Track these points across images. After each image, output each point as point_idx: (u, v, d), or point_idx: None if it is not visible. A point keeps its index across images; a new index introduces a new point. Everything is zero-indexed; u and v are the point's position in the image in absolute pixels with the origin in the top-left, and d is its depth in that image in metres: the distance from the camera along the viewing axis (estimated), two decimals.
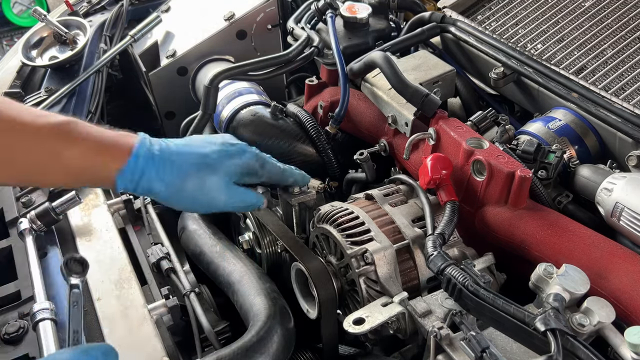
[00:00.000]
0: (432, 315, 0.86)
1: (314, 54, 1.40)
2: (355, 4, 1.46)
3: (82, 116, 1.53)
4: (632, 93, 1.12)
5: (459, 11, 1.45)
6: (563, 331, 0.71)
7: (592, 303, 0.79)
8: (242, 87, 1.46)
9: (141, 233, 1.22)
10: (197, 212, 1.03)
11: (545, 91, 1.21)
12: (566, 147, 1.10)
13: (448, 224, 0.96)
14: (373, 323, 0.87)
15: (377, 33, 1.46)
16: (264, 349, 0.90)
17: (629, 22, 1.26)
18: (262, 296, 1.01)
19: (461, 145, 1.03)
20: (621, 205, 0.91)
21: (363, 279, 0.96)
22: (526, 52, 1.28)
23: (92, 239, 1.14)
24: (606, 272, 0.86)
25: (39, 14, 1.64)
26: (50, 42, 1.71)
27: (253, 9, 1.74)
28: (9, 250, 1.14)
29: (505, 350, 0.81)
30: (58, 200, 1.14)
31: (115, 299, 1.00)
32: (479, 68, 1.37)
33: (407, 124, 1.17)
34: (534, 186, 1.01)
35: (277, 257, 1.22)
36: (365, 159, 1.22)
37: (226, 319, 1.11)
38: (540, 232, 0.94)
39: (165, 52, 1.77)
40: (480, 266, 0.94)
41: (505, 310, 0.76)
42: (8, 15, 4.86)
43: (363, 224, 1.00)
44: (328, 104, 1.35)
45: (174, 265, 1.12)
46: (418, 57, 1.31)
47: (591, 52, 1.23)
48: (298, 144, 1.31)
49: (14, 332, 0.95)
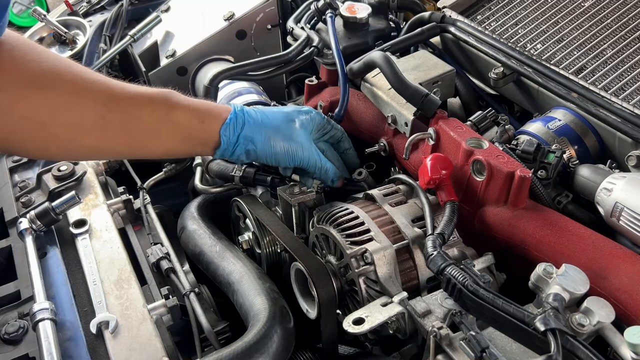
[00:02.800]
0: (432, 315, 0.86)
1: (313, 54, 1.40)
2: (355, 4, 1.46)
3: None
4: (631, 93, 1.12)
5: (459, 11, 1.45)
6: (563, 331, 0.71)
7: (591, 303, 0.79)
8: (241, 87, 1.46)
9: (141, 233, 1.22)
10: (285, 164, 1.12)
11: (544, 91, 1.21)
12: (566, 147, 1.10)
13: (448, 224, 0.96)
14: (373, 323, 0.87)
15: (377, 33, 1.46)
16: (264, 349, 0.90)
17: (628, 22, 1.26)
18: (262, 296, 1.01)
19: (461, 145, 1.03)
20: (621, 205, 0.91)
21: (363, 278, 0.96)
22: (526, 52, 1.28)
23: (91, 239, 1.14)
24: (606, 272, 0.86)
25: (38, 14, 1.65)
26: (49, 42, 1.72)
27: (253, 9, 1.74)
28: (8, 250, 1.14)
29: (505, 350, 0.81)
30: (58, 200, 1.13)
31: (115, 298, 1.00)
32: (479, 68, 1.37)
33: (406, 124, 1.17)
34: (533, 186, 1.01)
35: (277, 257, 1.22)
36: (364, 179, 1.20)
37: (226, 319, 1.11)
38: (540, 232, 0.94)
39: (165, 52, 1.77)
40: (480, 266, 0.94)
41: (505, 310, 0.76)
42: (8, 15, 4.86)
43: (363, 224, 1.00)
44: (328, 104, 1.35)
45: (174, 265, 1.12)
46: (418, 57, 1.31)
47: (591, 52, 1.23)
48: None
49: (13, 332, 0.95)
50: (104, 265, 1.06)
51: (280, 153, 1.09)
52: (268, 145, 1.08)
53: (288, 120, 1.11)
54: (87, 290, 1.03)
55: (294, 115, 1.13)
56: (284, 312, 0.99)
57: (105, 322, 0.95)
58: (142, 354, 0.91)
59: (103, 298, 1.00)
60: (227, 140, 1.05)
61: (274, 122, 1.09)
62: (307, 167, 1.12)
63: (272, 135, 1.08)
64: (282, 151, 1.09)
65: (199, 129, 1.03)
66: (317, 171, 1.13)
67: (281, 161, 1.11)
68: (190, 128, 1.01)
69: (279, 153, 1.09)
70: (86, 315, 0.99)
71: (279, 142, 1.09)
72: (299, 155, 1.10)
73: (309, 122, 1.14)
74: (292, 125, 1.11)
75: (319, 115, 1.17)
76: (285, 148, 1.09)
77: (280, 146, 1.09)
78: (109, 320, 0.95)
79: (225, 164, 1.34)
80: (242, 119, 1.06)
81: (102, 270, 1.05)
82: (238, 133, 1.05)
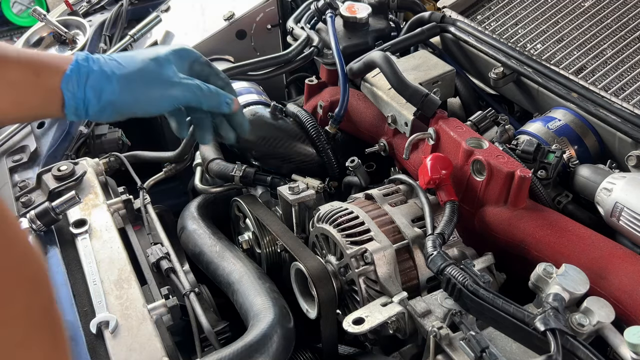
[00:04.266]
0: (432, 315, 0.86)
1: (313, 54, 1.40)
2: (355, 4, 1.46)
3: None
4: (631, 93, 1.12)
5: (459, 11, 1.45)
6: (563, 331, 0.71)
7: (591, 303, 0.79)
8: (241, 87, 1.46)
9: (141, 233, 1.22)
10: (159, 111, 0.97)
11: (544, 91, 1.21)
12: (566, 147, 1.10)
13: (448, 223, 0.96)
14: (372, 323, 0.87)
15: (377, 33, 1.46)
16: (264, 349, 0.90)
17: (628, 22, 1.26)
18: (262, 296, 1.01)
19: (461, 145, 1.03)
20: (621, 205, 0.91)
21: (362, 278, 0.96)
22: (526, 52, 1.28)
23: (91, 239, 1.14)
24: (606, 272, 0.86)
25: (38, 14, 1.64)
26: (49, 42, 1.71)
27: (253, 9, 1.74)
28: None
29: (505, 350, 0.81)
30: (58, 200, 1.13)
31: (115, 298, 1.00)
32: (479, 68, 1.37)
33: (406, 123, 1.17)
34: (533, 186, 1.01)
35: (277, 257, 1.22)
36: (356, 166, 1.22)
37: (226, 319, 1.11)
38: (539, 232, 0.94)
39: None
40: (480, 266, 0.95)
41: (504, 310, 0.76)
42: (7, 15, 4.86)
43: (363, 224, 1.00)
44: (328, 104, 1.35)
45: (174, 265, 1.12)
46: (418, 57, 1.31)
47: (591, 52, 1.23)
48: (298, 144, 1.30)
49: None
50: (104, 265, 1.06)
51: (146, 100, 0.92)
52: (127, 95, 0.90)
53: (145, 61, 0.93)
54: (87, 290, 1.02)
55: (150, 54, 0.94)
56: (284, 312, 0.99)
57: (105, 322, 0.95)
58: (142, 354, 0.91)
59: (103, 298, 1.00)
60: (72, 96, 0.87)
61: (128, 67, 0.91)
62: (190, 101, 0.96)
63: (129, 83, 0.90)
64: (147, 97, 0.92)
65: (34, 84, 0.85)
66: (205, 100, 0.96)
67: (152, 109, 0.94)
68: (24, 84, 0.84)
69: (144, 100, 0.92)
70: (86, 315, 0.99)
71: (141, 87, 0.91)
72: (172, 95, 0.93)
73: (172, 56, 0.95)
74: (151, 66, 0.92)
75: (185, 49, 0.99)
76: (151, 92, 0.92)
77: (143, 92, 0.91)
78: (109, 320, 0.95)
79: (226, 164, 1.34)
80: (86, 68, 0.88)
81: (102, 270, 1.05)
82: (84, 85, 0.87)
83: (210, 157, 1.37)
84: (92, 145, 1.55)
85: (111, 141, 1.56)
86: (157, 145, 1.73)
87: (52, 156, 1.42)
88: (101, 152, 1.52)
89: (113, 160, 1.40)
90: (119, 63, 0.91)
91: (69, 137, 1.48)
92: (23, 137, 1.45)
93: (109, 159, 1.40)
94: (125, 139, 1.60)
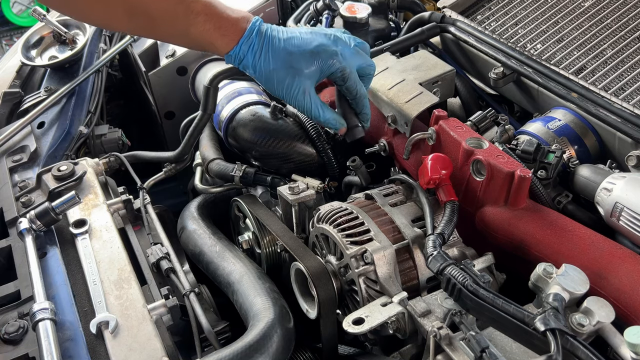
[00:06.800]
0: (432, 315, 0.86)
1: None
2: (355, 4, 1.46)
3: (82, 116, 1.53)
4: (631, 93, 1.12)
5: (459, 11, 1.45)
6: (563, 331, 0.71)
7: (591, 303, 0.79)
8: (241, 87, 1.46)
9: (141, 233, 1.22)
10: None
11: (544, 91, 1.21)
12: (566, 147, 1.10)
13: (448, 223, 0.96)
14: (372, 323, 0.87)
15: (377, 33, 1.46)
16: (264, 349, 0.90)
17: (628, 22, 1.26)
18: (262, 296, 1.01)
19: (461, 145, 1.03)
20: (621, 205, 0.91)
21: (362, 278, 0.96)
22: (526, 52, 1.28)
23: (91, 239, 1.14)
24: (606, 272, 0.86)
25: (38, 14, 1.64)
26: (49, 42, 1.71)
27: (253, 9, 1.74)
28: (8, 250, 1.14)
29: (505, 350, 0.81)
30: (58, 200, 1.13)
31: (114, 298, 1.00)
32: (479, 68, 1.37)
33: (406, 124, 1.17)
34: (533, 186, 1.01)
35: (277, 257, 1.22)
36: (357, 166, 1.22)
37: (226, 319, 1.11)
38: (539, 232, 0.94)
39: (164, 51, 1.77)
40: (480, 266, 0.95)
41: (504, 310, 0.76)
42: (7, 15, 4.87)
43: (363, 224, 1.00)
44: (328, 104, 1.35)
45: (174, 265, 1.12)
46: (418, 57, 1.31)
47: (591, 52, 1.23)
48: (298, 144, 1.30)
49: (13, 332, 0.95)
50: (103, 265, 1.06)
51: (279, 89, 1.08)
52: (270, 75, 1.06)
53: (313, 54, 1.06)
54: (87, 290, 1.03)
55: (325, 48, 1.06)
56: (284, 312, 0.99)
57: (105, 322, 0.95)
58: (142, 354, 0.91)
59: (103, 298, 1.00)
60: (241, 54, 1.06)
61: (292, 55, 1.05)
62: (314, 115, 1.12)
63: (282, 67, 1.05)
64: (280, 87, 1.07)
65: (217, 37, 1.04)
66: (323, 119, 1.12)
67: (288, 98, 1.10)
68: (209, 39, 1.04)
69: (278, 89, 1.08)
70: (86, 315, 0.99)
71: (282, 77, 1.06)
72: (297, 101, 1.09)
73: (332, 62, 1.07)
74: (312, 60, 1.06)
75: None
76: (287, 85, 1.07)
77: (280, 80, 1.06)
78: (108, 320, 0.95)
79: (226, 164, 1.34)
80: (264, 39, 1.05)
81: (102, 270, 1.05)
82: (255, 53, 1.05)
83: (210, 157, 1.37)
84: (92, 145, 1.55)
85: (111, 141, 1.57)
86: (157, 145, 1.73)
87: (52, 156, 1.42)
88: (101, 152, 1.53)
89: (113, 160, 1.40)
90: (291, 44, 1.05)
91: (69, 137, 1.48)
92: (23, 137, 1.45)
93: (109, 159, 1.40)
94: (125, 139, 1.60)
